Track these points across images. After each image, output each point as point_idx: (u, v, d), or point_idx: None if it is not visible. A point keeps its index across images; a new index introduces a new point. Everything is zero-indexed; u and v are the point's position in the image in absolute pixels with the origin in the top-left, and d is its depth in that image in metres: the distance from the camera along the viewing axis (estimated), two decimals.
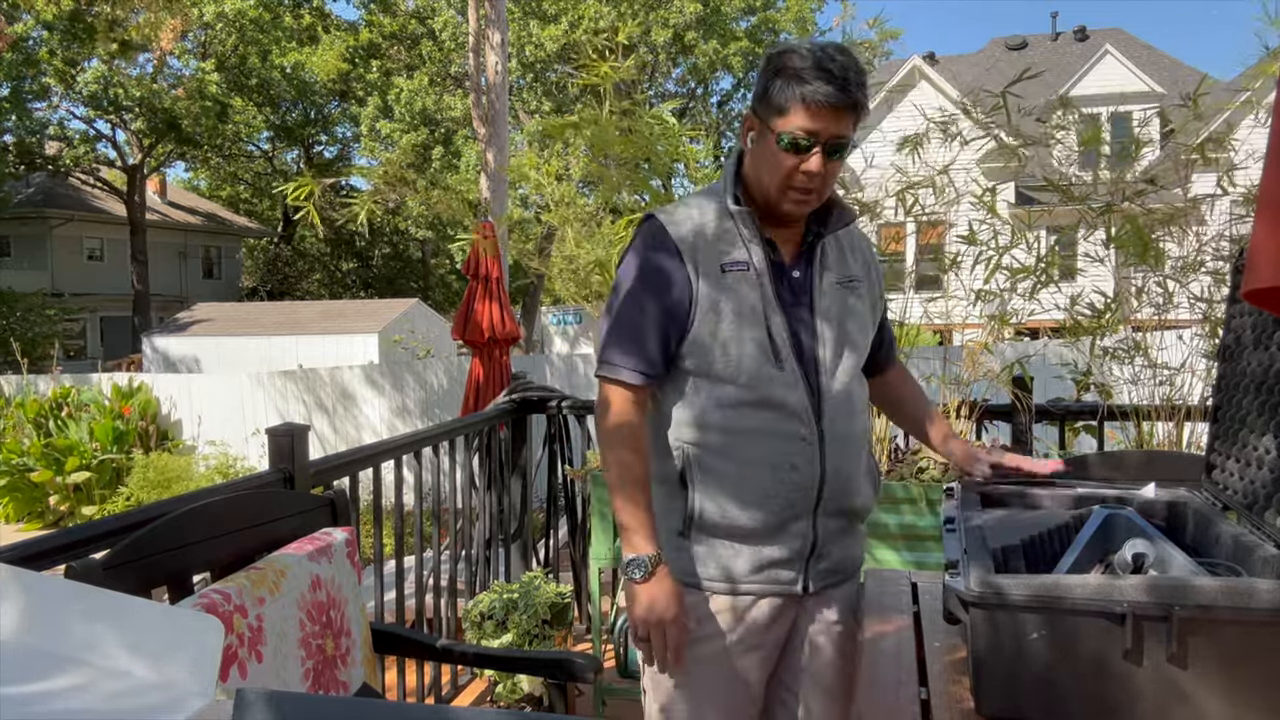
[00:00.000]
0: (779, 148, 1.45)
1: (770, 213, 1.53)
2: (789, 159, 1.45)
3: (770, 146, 1.47)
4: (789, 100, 1.43)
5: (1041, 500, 1.52)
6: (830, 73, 1.41)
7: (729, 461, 1.50)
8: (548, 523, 3.95)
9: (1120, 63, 19.95)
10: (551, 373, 9.16)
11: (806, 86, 1.41)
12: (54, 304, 22.87)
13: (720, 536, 1.52)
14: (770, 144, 1.46)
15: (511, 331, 4.80)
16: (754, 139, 1.51)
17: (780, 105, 1.44)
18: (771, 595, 1.54)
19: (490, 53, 9.53)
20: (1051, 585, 1.09)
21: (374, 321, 18.46)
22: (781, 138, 1.44)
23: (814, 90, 1.41)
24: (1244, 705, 1.03)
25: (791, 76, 1.43)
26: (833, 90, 1.41)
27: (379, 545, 3.14)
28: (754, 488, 1.50)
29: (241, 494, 1.76)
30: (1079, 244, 3.12)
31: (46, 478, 8.91)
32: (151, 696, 0.82)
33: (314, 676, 1.61)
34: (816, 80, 1.41)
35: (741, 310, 1.50)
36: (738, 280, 1.51)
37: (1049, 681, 1.08)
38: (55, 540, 1.60)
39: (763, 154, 1.49)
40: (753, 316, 1.51)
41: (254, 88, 27.30)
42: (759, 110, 1.49)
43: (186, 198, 32.07)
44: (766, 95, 1.46)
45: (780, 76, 1.45)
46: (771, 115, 1.46)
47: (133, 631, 0.86)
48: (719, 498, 1.50)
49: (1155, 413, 2.86)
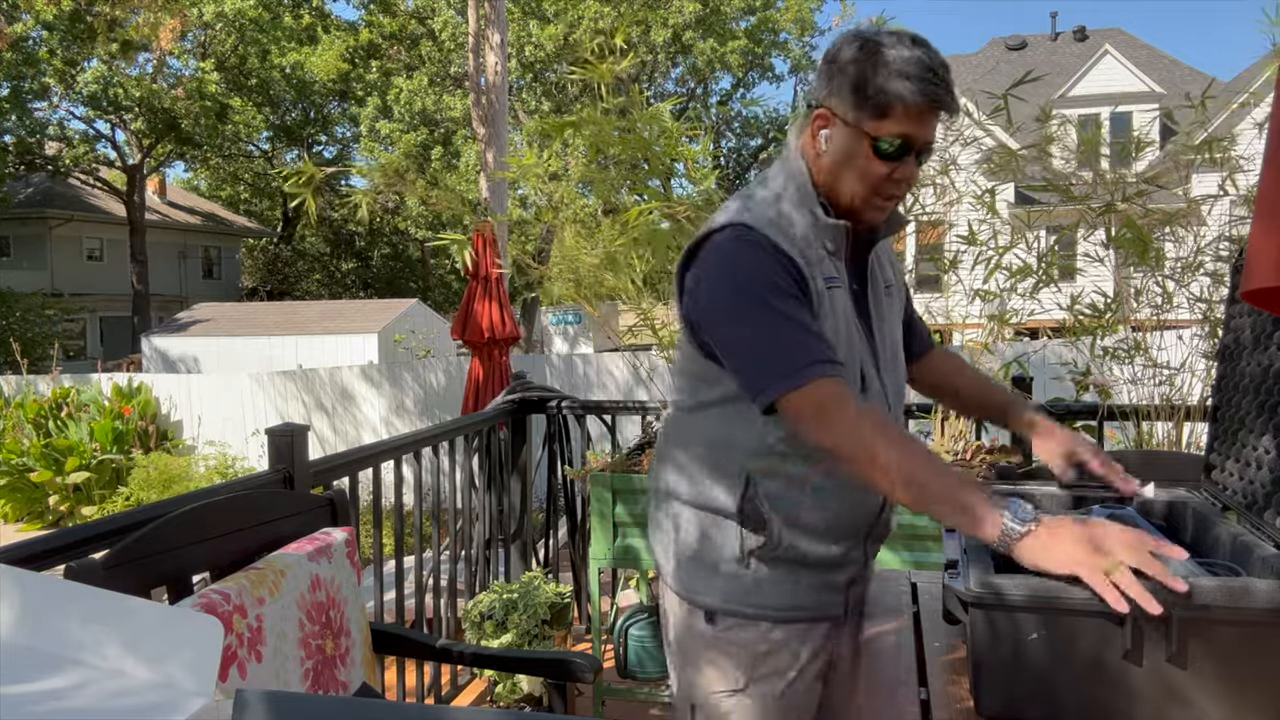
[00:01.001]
0: (875, 153, 1.30)
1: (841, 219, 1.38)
2: (883, 166, 1.31)
3: (861, 150, 1.31)
4: (890, 100, 1.28)
5: (1041, 500, 1.52)
6: (935, 71, 1.28)
7: (798, 487, 1.37)
8: (547, 523, 3.95)
9: (1120, 63, 19.96)
10: (551, 373, 9.16)
11: (911, 86, 1.27)
12: (53, 304, 22.87)
13: (785, 565, 1.39)
14: (862, 147, 1.31)
15: (511, 332, 4.81)
16: (830, 139, 1.34)
17: (881, 105, 1.28)
18: (824, 621, 1.44)
19: (490, 53, 9.53)
20: (1051, 586, 1.09)
21: (374, 322, 18.47)
22: (881, 143, 1.30)
23: (919, 91, 1.27)
24: (1243, 705, 1.03)
25: (895, 74, 1.27)
26: (939, 91, 1.28)
27: (379, 545, 3.15)
28: (828, 516, 1.39)
29: (241, 494, 1.76)
30: (1079, 244, 3.13)
31: (46, 478, 8.92)
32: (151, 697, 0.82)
33: (314, 677, 1.61)
34: (922, 80, 1.27)
35: (839, 332, 1.35)
36: (835, 299, 1.36)
37: (1048, 682, 1.08)
38: (55, 540, 1.60)
39: (846, 157, 1.33)
40: (847, 340, 1.38)
41: (254, 88, 27.31)
42: (842, 108, 1.32)
43: (186, 198, 32.07)
44: (861, 92, 1.29)
45: (879, 72, 1.28)
46: (866, 116, 1.30)
47: (132, 632, 0.86)
48: (788, 527, 1.37)
49: (1155, 413, 2.86)
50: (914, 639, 1.42)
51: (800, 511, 1.37)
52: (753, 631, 1.38)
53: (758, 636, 1.38)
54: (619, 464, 2.95)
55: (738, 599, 1.38)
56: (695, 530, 1.41)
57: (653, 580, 3.31)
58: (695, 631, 1.42)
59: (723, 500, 1.38)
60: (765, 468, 1.36)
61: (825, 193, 1.37)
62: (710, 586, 1.39)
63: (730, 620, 1.39)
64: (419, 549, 3.03)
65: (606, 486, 2.86)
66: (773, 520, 1.36)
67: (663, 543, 1.48)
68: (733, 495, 1.37)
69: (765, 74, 27.58)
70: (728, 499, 1.38)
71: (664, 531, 1.47)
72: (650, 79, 25.20)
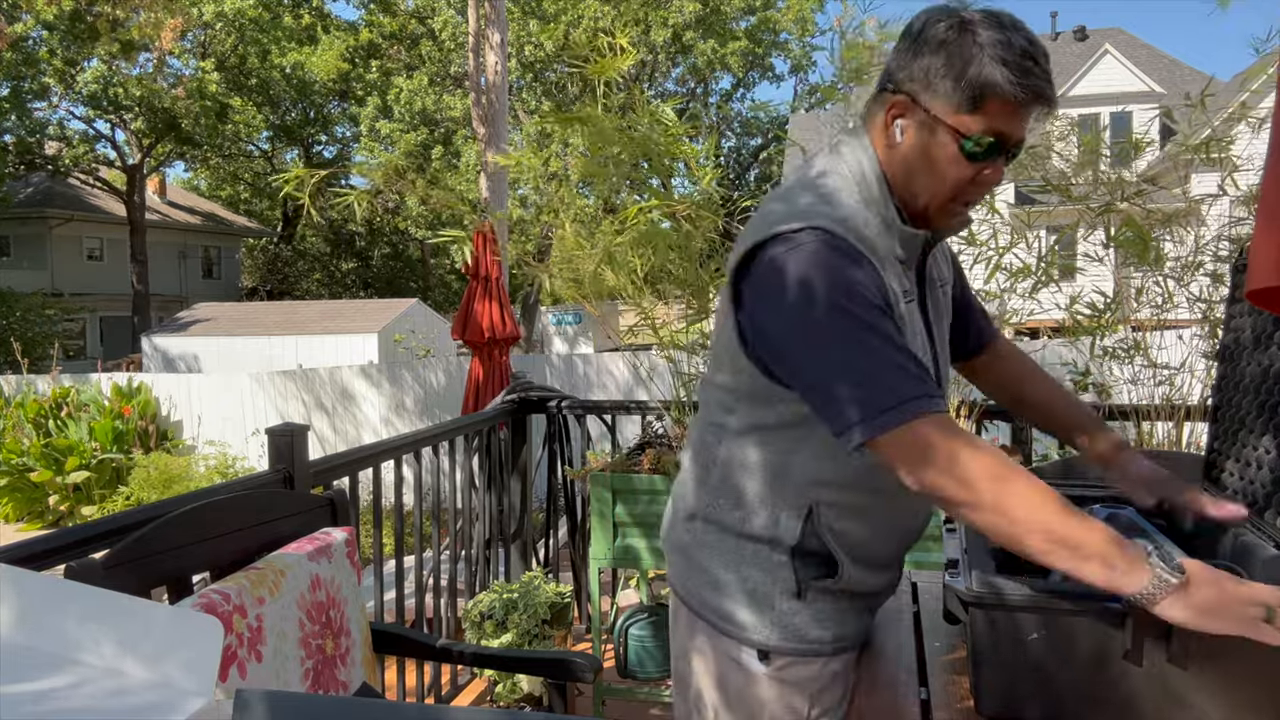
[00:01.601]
0: (962, 151, 1.13)
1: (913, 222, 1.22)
2: (969, 168, 1.14)
3: (945, 146, 1.13)
4: (988, 91, 1.09)
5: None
6: (1037, 60, 1.10)
7: (863, 522, 1.26)
8: (547, 523, 3.95)
9: (1120, 62, 19.96)
10: (551, 373, 9.16)
11: (1009, 75, 1.08)
12: (53, 304, 22.87)
13: (837, 596, 1.29)
14: (947, 143, 1.13)
15: (511, 332, 4.81)
16: (907, 131, 1.16)
17: (975, 95, 1.10)
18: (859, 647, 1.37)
19: (490, 52, 9.53)
20: (1051, 586, 1.09)
21: (374, 321, 18.48)
22: (969, 142, 1.12)
23: (1019, 82, 1.08)
24: (1243, 705, 1.03)
25: (991, 59, 1.09)
26: (1041, 83, 1.10)
27: (379, 545, 3.15)
28: (887, 551, 1.32)
29: (241, 494, 1.76)
30: (1079, 244, 3.13)
31: (46, 478, 8.92)
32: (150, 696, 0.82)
33: (314, 676, 1.61)
34: (1022, 69, 1.09)
35: (923, 350, 1.23)
36: (911, 315, 1.21)
37: (1048, 682, 1.08)
38: (55, 540, 1.60)
39: (926, 154, 1.15)
40: (936, 354, 1.27)
41: (254, 88, 27.32)
42: (926, 96, 1.13)
43: (186, 198, 32.07)
44: (950, 79, 1.11)
45: (974, 57, 1.09)
46: (954, 107, 1.11)
47: (132, 631, 0.86)
48: (853, 561, 1.26)
49: (1155, 413, 2.86)
50: (914, 639, 1.42)
51: (868, 544, 1.27)
52: (814, 667, 1.28)
53: (817, 672, 1.29)
54: (619, 464, 2.95)
55: (796, 635, 1.27)
56: (744, 561, 1.28)
57: (653, 580, 3.31)
58: (745, 670, 1.29)
59: (780, 532, 1.25)
60: (830, 499, 1.24)
61: (897, 192, 1.20)
62: (763, 623, 1.27)
63: (785, 658, 1.27)
64: (419, 549, 3.03)
65: (606, 486, 2.86)
66: (839, 556, 1.25)
67: (697, 570, 1.33)
68: (792, 527, 1.24)
69: (766, 74, 27.59)
70: (786, 531, 1.25)
71: (699, 558, 1.33)
72: (650, 79, 25.20)
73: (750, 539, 1.27)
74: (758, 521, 1.26)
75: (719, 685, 1.32)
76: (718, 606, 1.30)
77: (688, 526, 1.35)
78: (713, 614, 1.31)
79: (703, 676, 1.35)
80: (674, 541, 1.39)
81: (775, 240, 1.14)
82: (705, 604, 1.32)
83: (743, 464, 1.27)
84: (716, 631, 1.31)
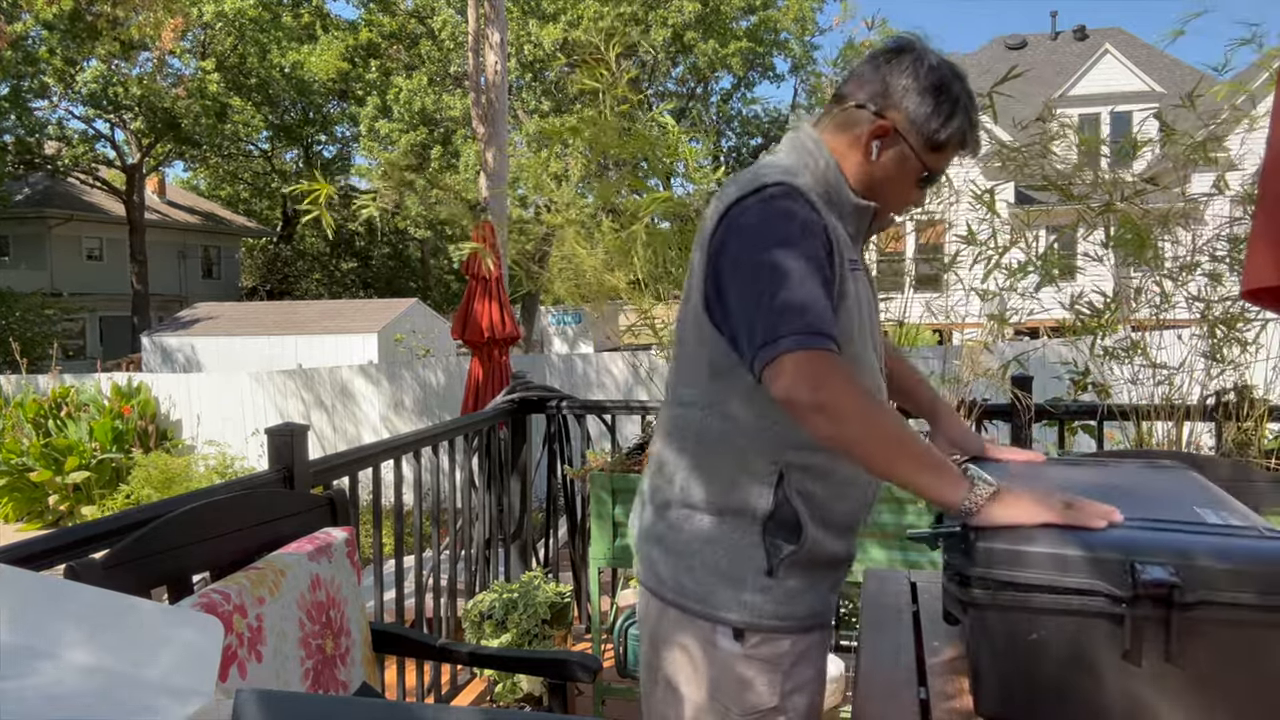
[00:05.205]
0: (918, 180, 1.38)
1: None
2: (919, 194, 1.41)
3: (911, 174, 1.37)
4: (951, 140, 1.35)
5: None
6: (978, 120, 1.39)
7: (827, 483, 1.33)
8: (547, 523, 3.96)
9: (1120, 62, 19.97)
10: (551, 373, 9.16)
11: (972, 133, 1.36)
12: (53, 304, 22.87)
13: (809, 569, 1.35)
14: (913, 172, 1.37)
15: (511, 332, 4.81)
16: (883, 151, 1.36)
17: (942, 140, 1.34)
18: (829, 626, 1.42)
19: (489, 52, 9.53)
20: (1050, 585, 1.09)
21: (373, 321, 18.48)
22: (926, 175, 1.38)
23: (974, 138, 1.37)
24: (1242, 706, 1.03)
25: (963, 116, 1.34)
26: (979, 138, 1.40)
27: (378, 545, 3.15)
28: (847, 511, 1.37)
29: (241, 494, 1.76)
30: (1078, 243, 3.13)
31: (46, 477, 8.91)
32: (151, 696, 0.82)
33: (314, 676, 1.62)
34: (975, 126, 1.37)
35: (861, 316, 1.35)
36: (857, 282, 1.34)
37: (1047, 682, 1.08)
38: (55, 540, 1.60)
39: (893, 172, 1.37)
40: (870, 326, 1.38)
41: (253, 87, 27.30)
42: (910, 131, 1.34)
43: (186, 197, 32.07)
44: (934, 123, 1.34)
45: (957, 111, 1.34)
46: (926, 145, 1.35)
47: (132, 631, 0.86)
48: (817, 525, 1.33)
49: (1154, 413, 2.86)
50: (913, 639, 1.42)
51: (831, 505, 1.34)
52: (784, 644, 1.34)
53: (788, 650, 1.34)
54: (619, 464, 2.96)
55: (769, 612, 1.32)
56: (718, 540, 1.33)
57: None
58: (719, 651, 1.33)
59: (753, 501, 1.31)
60: (800, 461, 1.31)
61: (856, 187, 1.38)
62: (737, 601, 1.32)
63: (759, 636, 1.32)
64: (419, 549, 3.04)
65: (606, 486, 2.86)
66: (804, 518, 1.31)
67: (672, 557, 1.37)
68: (764, 495, 1.31)
69: (766, 73, 27.59)
70: (759, 499, 1.31)
71: (674, 544, 1.37)
72: (651, 79, 25.20)
73: (725, 514, 1.33)
74: (733, 493, 1.33)
75: (694, 669, 1.36)
76: (693, 590, 1.35)
77: (662, 515, 1.40)
78: (687, 598, 1.35)
79: (676, 664, 1.38)
80: (648, 534, 1.43)
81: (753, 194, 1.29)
82: (680, 589, 1.36)
83: (716, 436, 1.34)
84: (689, 615, 1.35)
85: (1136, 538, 1.08)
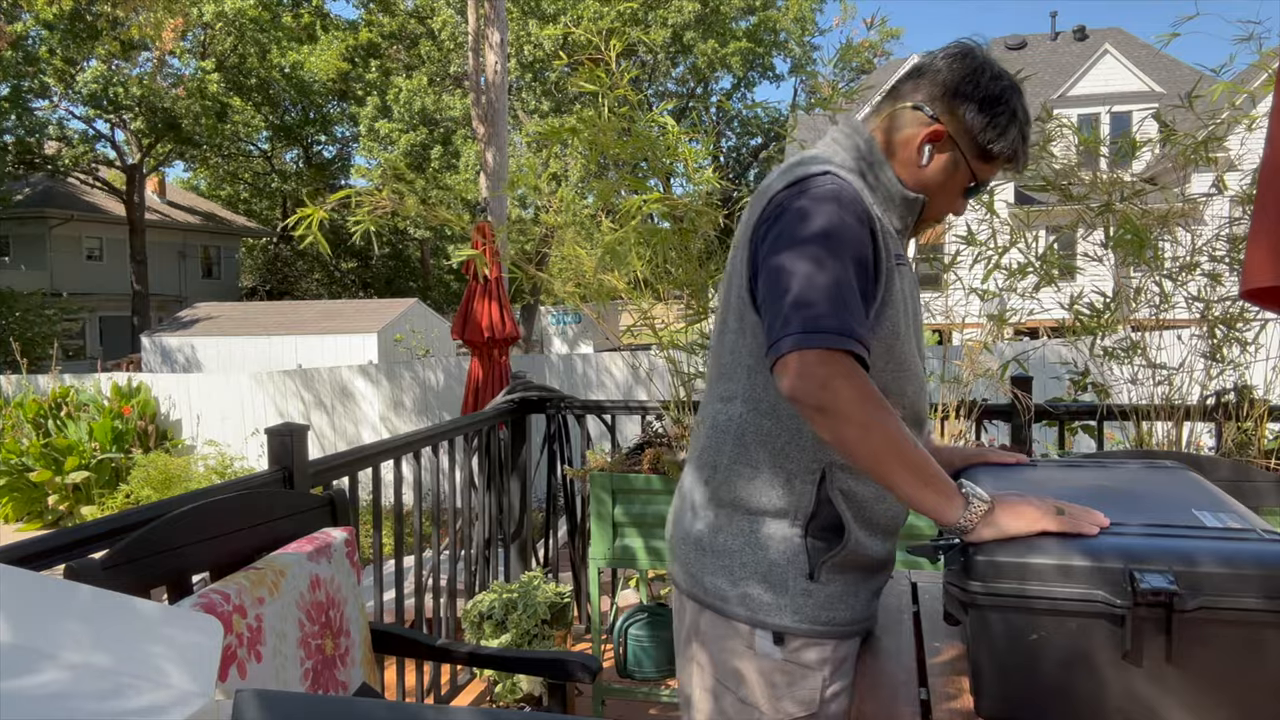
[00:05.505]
0: (964, 188, 1.38)
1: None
2: (960, 200, 1.40)
3: (961, 181, 1.37)
4: (1003, 153, 1.34)
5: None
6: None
7: (870, 482, 1.31)
8: (547, 523, 3.96)
9: (1120, 62, 19.97)
10: (551, 373, 9.16)
11: (1023, 149, 1.35)
12: (53, 304, 22.86)
13: (850, 573, 1.32)
14: (959, 177, 1.36)
15: (511, 332, 4.80)
16: (935, 156, 1.35)
17: (994, 151, 1.34)
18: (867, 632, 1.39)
19: (489, 52, 9.53)
20: (1050, 586, 1.09)
21: (373, 321, 18.48)
22: (974, 185, 1.37)
23: (1025, 154, 1.36)
24: (1242, 706, 1.03)
25: (1018, 131, 1.34)
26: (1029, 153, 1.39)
27: (378, 545, 3.14)
28: (889, 511, 1.35)
29: (241, 494, 1.76)
30: (1078, 243, 3.13)
31: (46, 477, 8.91)
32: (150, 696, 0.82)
33: (313, 676, 1.61)
34: (1027, 142, 1.36)
35: (908, 313, 1.34)
36: (903, 277, 1.33)
37: (1048, 682, 1.08)
38: (55, 540, 1.60)
39: (942, 178, 1.36)
40: (915, 321, 1.36)
41: (253, 87, 27.31)
42: (965, 139, 1.34)
43: (186, 197, 32.07)
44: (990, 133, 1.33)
45: (1013, 124, 1.33)
46: (978, 153, 1.34)
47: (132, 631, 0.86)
48: (861, 526, 1.31)
49: (1154, 413, 2.86)
50: (914, 639, 1.42)
51: (873, 505, 1.32)
52: (827, 650, 1.31)
53: (829, 656, 1.31)
54: (618, 464, 2.96)
55: (810, 617, 1.29)
56: (759, 541, 1.30)
57: (652, 580, 3.32)
58: (758, 655, 1.30)
59: (794, 501, 1.29)
60: (842, 460, 1.29)
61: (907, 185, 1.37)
62: (779, 605, 1.29)
63: (800, 641, 1.29)
64: (419, 549, 3.04)
65: (606, 487, 2.86)
66: (846, 519, 1.29)
67: (710, 557, 1.34)
68: (806, 494, 1.29)
69: (766, 73, 27.59)
70: (801, 498, 1.29)
71: (712, 545, 1.34)
72: (650, 79, 25.20)
73: (767, 514, 1.30)
74: (775, 492, 1.29)
75: (731, 673, 1.33)
76: (732, 592, 1.31)
77: (703, 514, 1.36)
78: (727, 600, 1.32)
79: (714, 666, 1.35)
80: (686, 533, 1.39)
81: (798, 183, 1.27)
82: (719, 591, 1.33)
83: (757, 433, 1.31)
84: (728, 619, 1.32)
85: (1135, 544, 1.08)
